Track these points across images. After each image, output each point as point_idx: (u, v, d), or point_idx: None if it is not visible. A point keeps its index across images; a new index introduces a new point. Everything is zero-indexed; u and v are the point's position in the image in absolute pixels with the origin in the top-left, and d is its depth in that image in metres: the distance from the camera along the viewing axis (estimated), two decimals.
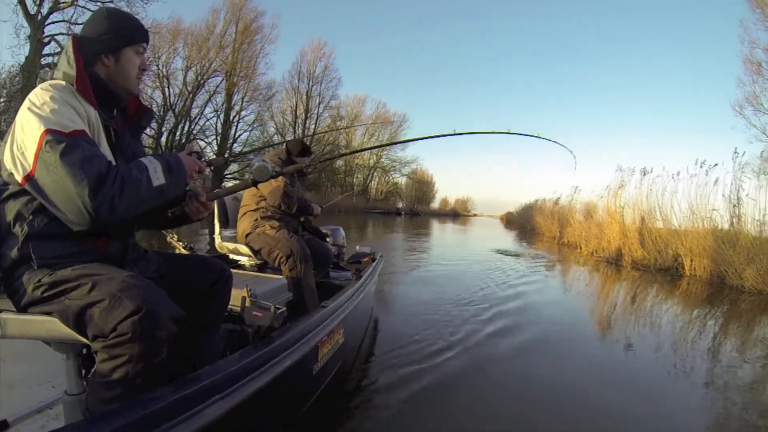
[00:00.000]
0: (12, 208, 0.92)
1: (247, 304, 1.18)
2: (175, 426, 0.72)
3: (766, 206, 6.57)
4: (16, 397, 1.25)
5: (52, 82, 0.96)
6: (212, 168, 1.20)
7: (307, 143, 2.66)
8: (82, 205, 0.83)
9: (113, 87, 1.07)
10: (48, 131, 0.84)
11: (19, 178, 0.88)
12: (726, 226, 7.03)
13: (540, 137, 1.68)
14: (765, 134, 15.44)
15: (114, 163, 1.01)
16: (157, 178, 0.96)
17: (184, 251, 2.33)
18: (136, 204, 0.91)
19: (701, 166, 7.37)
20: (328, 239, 2.93)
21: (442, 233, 16.99)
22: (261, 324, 1.14)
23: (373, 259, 2.99)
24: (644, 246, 8.16)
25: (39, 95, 0.91)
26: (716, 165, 7.22)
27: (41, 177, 0.85)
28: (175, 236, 2.44)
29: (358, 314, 2.20)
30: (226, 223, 2.59)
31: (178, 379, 0.85)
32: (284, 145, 2.62)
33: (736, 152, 6.90)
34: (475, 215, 75.63)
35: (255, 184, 1.26)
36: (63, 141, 0.84)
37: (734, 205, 6.95)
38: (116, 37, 1.05)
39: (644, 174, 8.75)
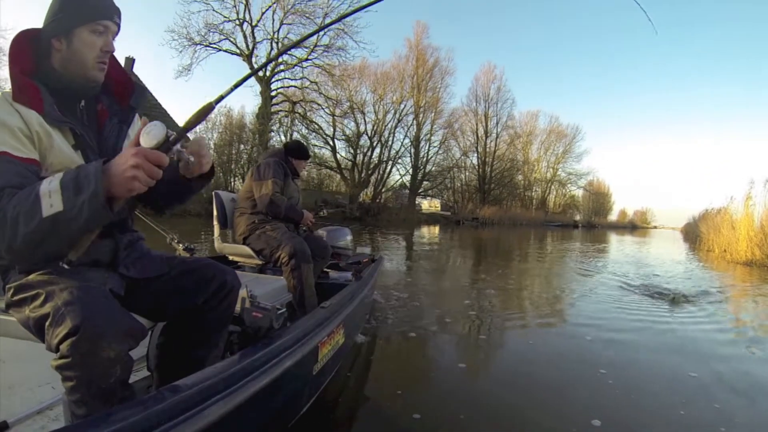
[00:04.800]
0: None
1: (247, 305, 1.18)
2: (175, 426, 0.72)
3: None
4: (16, 398, 1.25)
5: None
6: (178, 152, 0.83)
7: (305, 144, 2.80)
8: None
9: (71, 76, 0.93)
10: None
11: None
12: None
13: None
14: None
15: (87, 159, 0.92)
16: (51, 204, 0.71)
17: (184, 253, 2.32)
18: (27, 242, 0.74)
19: None
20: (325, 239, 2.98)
21: (618, 246, 14.99)
22: (261, 325, 1.14)
23: (373, 260, 3.01)
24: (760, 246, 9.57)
25: None
26: None
27: None
28: (175, 237, 2.44)
29: (358, 314, 2.20)
30: (224, 225, 2.60)
31: (178, 380, 0.85)
32: (284, 144, 2.71)
33: None
34: (655, 227, 70.57)
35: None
36: None
37: None
38: (65, 15, 0.89)
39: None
